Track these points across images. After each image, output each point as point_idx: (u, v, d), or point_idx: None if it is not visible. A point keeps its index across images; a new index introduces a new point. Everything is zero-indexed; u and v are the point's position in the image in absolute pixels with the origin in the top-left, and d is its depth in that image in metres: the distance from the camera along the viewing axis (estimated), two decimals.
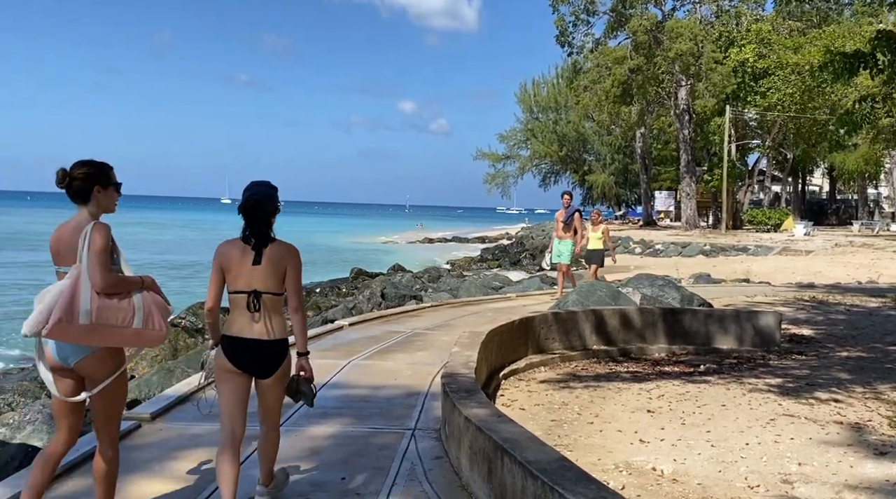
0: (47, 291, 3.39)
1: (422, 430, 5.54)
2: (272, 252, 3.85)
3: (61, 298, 3.33)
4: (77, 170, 3.55)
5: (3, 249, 43.64)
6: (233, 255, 3.84)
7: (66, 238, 3.49)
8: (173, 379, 8.22)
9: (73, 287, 3.37)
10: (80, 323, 3.34)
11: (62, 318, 3.31)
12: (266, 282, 3.83)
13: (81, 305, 3.35)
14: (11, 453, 5.42)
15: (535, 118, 79.32)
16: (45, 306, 3.35)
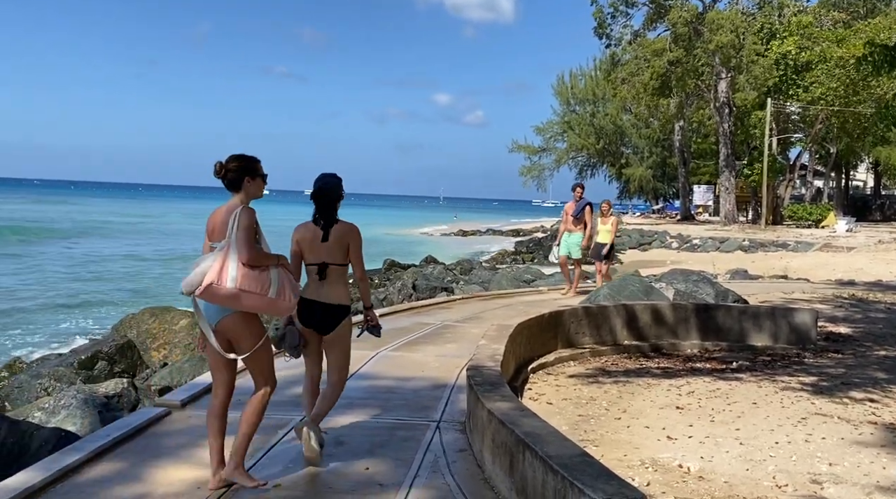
0: (203, 259, 4.01)
1: (447, 422, 5.54)
2: (337, 231, 4.70)
3: (214, 265, 3.95)
4: (231, 163, 4.18)
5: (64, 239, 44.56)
6: (306, 234, 4.73)
7: (220, 219, 4.13)
8: (205, 367, 8.32)
9: (224, 257, 3.98)
10: (227, 287, 3.93)
11: (213, 281, 3.91)
12: (332, 255, 4.67)
13: (229, 273, 3.95)
14: (45, 436, 5.54)
15: (572, 110, 78.66)
16: (199, 270, 3.95)
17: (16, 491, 3.95)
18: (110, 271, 30.25)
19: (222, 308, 4.05)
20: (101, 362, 9.32)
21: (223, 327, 4.09)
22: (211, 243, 4.12)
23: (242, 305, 4.03)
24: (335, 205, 4.76)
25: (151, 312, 11.40)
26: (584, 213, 13.05)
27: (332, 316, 4.69)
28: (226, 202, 4.21)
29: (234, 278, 3.93)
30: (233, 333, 4.11)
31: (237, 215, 4.05)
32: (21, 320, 18.81)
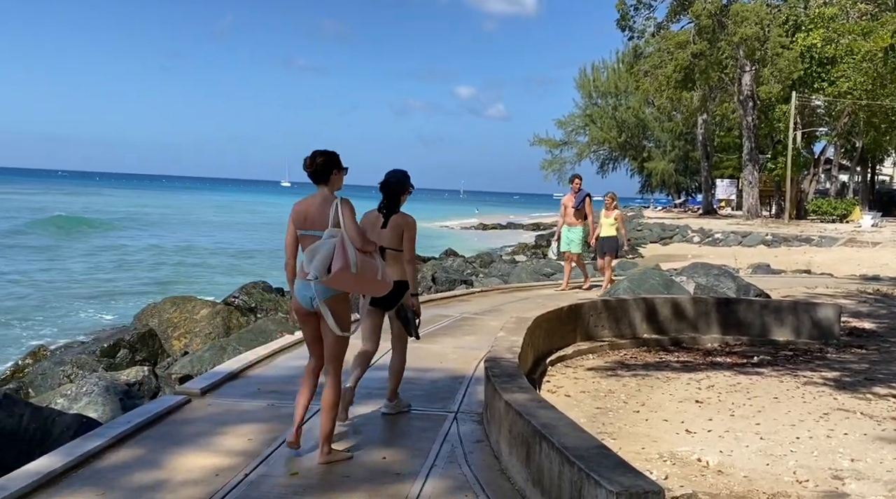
0: (318, 248, 4.34)
1: (464, 413, 5.54)
2: (395, 220, 5.30)
3: (337, 253, 4.29)
4: (319, 157, 4.53)
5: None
6: (370, 220, 5.34)
7: (314, 210, 4.48)
8: (225, 356, 8.39)
9: (342, 245, 4.31)
10: (352, 272, 4.31)
11: (344, 266, 4.27)
12: (389, 241, 5.26)
13: (351, 259, 4.31)
14: (67, 422, 5.61)
15: (594, 104, 78.18)
16: (322, 258, 4.30)
17: (38, 475, 4.00)
18: (139, 261, 30.58)
19: (328, 289, 4.41)
20: (123, 350, 9.42)
21: (330, 305, 4.46)
22: (303, 231, 4.50)
23: (359, 288, 4.58)
24: (399, 197, 5.36)
25: (173, 302, 11.50)
26: (584, 204, 12.40)
27: (394, 293, 5.09)
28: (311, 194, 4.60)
29: (355, 263, 4.32)
30: (338, 312, 4.50)
31: (338, 206, 4.42)
32: (46, 309, 19.07)
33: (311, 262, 4.32)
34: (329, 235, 4.38)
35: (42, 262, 28.65)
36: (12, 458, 5.05)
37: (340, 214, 4.41)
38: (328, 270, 4.27)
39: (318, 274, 4.29)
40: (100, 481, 4.06)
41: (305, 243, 4.50)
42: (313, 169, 4.53)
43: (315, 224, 4.46)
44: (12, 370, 9.66)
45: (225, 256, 33.57)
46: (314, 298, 4.43)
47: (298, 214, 4.56)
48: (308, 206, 4.53)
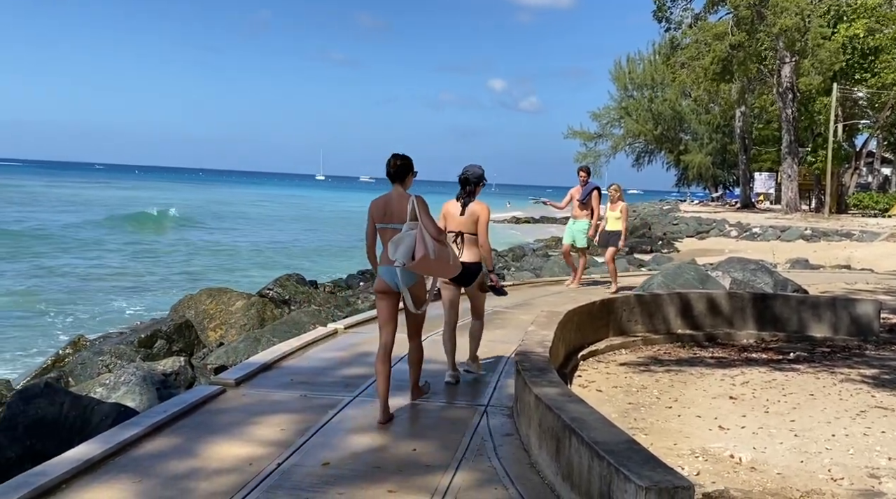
0: (402, 239, 5.04)
1: (494, 407, 5.54)
2: (471, 208, 6.11)
3: (418, 243, 5.00)
4: (399, 161, 5.28)
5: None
6: (450, 208, 6.21)
7: (394, 204, 5.18)
8: (259, 347, 8.50)
9: (421, 236, 5.02)
10: (431, 258, 5.02)
11: (426, 254, 4.98)
12: (466, 226, 6.09)
13: (429, 247, 5.00)
14: (105, 411, 5.73)
15: (630, 96, 77.32)
16: (406, 248, 5.01)
17: (77, 462, 4.10)
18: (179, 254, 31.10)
19: (412, 276, 5.15)
20: (160, 341, 9.59)
21: (412, 290, 5.21)
22: (382, 225, 5.20)
23: (436, 272, 5.29)
24: (475, 188, 6.19)
25: (209, 294, 11.67)
26: (591, 198, 11.85)
27: (470, 272, 6.05)
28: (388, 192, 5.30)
29: (434, 251, 5.03)
30: (417, 294, 5.26)
31: (414, 202, 5.11)
32: (85, 300, 19.51)
33: (397, 251, 5.03)
34: (408, 227, 5.08)
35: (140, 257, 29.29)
36: (54, 445, 5.18)
37: (417, 209, 5.07)
38: (412, 257, 4.99)
39: (404, 261, 5.00)
40: (136, 469, 4.15)
41: (386, 235, 5.17)
42: (395, 170, 5.24)
43: (394, 218, 5.16)
44: (53, 360, 9.89)
45: (254, 253, 33.97)
46: (398, 282, 5.16)
47: (377, 209, 5.22)
48: (386, 202, 5.21)
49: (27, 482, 3.78)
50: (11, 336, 14.83)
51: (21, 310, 17.70)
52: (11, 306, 17.99)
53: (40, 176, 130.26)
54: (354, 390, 5.86)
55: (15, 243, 31.06)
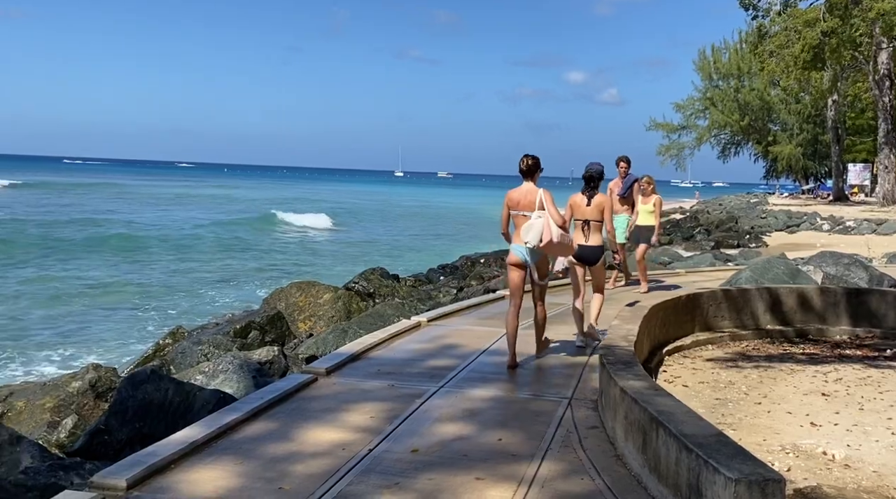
0: (532, 225, 6.27)
1: (578, 400, 5.58)
2: (597, 199, 7.42)
3: (546, 228, 6.25)
4: (530, 160, 6.51)
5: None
6: (576, 200, 7.48)
7: (524, 196, 6.46)
8: (346, 338, 8.77)
9: (548, 223, 6.27)
10: (556, 241, 6.30)
11: (552, 238, 6.25)
12: (592, 215, 7.42)
13: (554, 231, 6.26)
14: (206, 397, 6.04)
15: (715, 86, 75.02)
16: (536, 232, 6.24)
17: (183, 444, 4.36)
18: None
19: (538, 254, 6.43)
20: (254, 332, 10.00)
21: (537, 265, 6.52)
22: (515, 212, 6.49)
23: (558, 252, 6.60)
24: (598, 183, 7.44)
25: (298, 287, 12.07)
26: (632, 191, 11.11)
27: (595, 253, 7.45)
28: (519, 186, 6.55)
29: (558, 235, 6.31)
30: (540, 269, 6.56)
31: (541, 194, 6.40)
32: (182, 293, 20.41)
33: (528, 234, 6.27)
34: (537, 215, 6.32)
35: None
36: (161, 428, 5.51)
37: (544, 200, 6.36)
38: (540, 239, 6.22)
39: (535, 244, 6.26)
40: (237, 451, 4.39)
41: (518, 221, 6.50)
42: (526, 168, 6.51)
43: (524, 207, 6.42)
44: (154, 349, 10.44)
45: (342, 246, 34.59)
46: (527, 258, 6.47)
47: (512, 200, 6.53)
48: (519, 194, 6.51)
49: (141, 461, 4.06)
50: (114, 327, 15.71)
51: (128, 302, 18.74)
52: (118, 300, 19.05)
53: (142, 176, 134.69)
54: (440, 381, 5.99)
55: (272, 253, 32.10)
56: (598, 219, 7.39)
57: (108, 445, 5.86)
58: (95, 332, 15.38)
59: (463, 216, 58.19)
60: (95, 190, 75.87)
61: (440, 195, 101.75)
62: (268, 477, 4.00)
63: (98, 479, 3.84)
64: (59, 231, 35.27)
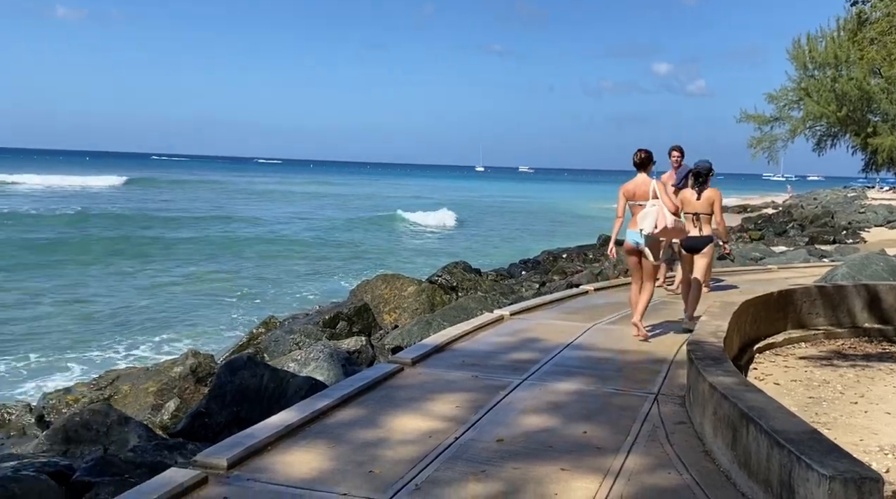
0: (647, 213, 7.01)
1: (665, 395, 5.53)
2: (706, 194, 8.10)
3: (660, 216, 6.96)
4: (643, 154, 7.24)
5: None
6: (687, 195, 8.17)
7: (638, 187, 7.18)
8: (430, 330, 8.91)
9: (661, 211, 6.98)
10: (670, 227, 7.03)
11: (666, 224, 6.98)
12: (702, 208, 8.06)
13: (667, 218, 6.99)
14: (299, 383, 6.27)
15: (810, 76, 71.66)
16: (651, 219, 6.96)
17: (279, 427, 4.56)
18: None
19: (647, 238, 7.07)
20: (342, 322, 10.28)
21: (648, 248, 7.14)
22: (632, 202, 7.22)
23: (673, 235, 7.41)
24: (707, 178, 8.17)
25: (384, 279, 12.32)
26: (686, 182, 9.50)
27: (702, 242, 8.03)
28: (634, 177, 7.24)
29: (672, 221, 7.04)
30: (652, 251, 7.18)
31: (654, 185, 7.10)
32: (274, 284, 21.13)
33: (644, 221, 7.00)
34: (651, 204, 7.03)
35: None
36: (257, 412, 5.76)
37: (657, 190, 7.05)
38: (655, 226, 6.92)
39: (650, 229, 6.97)
40: (329, 436, 4.56)
41: (635, 210, 7.21)
42: (639, 161, 7.19)
43: (639, 197, 7.15)
44: (248, 338, 10.87)
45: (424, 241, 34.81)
46: (640, 242, 7.14)
47: (627, 191, 7.24)
48: (634, 185, 7.21)
49: (240, 443, 4.27)
50: (211, 315, 16.42)
51: (224, 292, 19.55)
52: (221, 290, 19.91)
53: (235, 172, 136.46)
54: (523, 374, 6.04)
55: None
56: (708, 212, 8.01)
57: (207, 427, 6.17)
58: (191, 319, 16.14)
59: (550, 212, 58.02)
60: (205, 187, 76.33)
61: (522, 190, 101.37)
62: (358, 461, 4.15)
63: (201, 458, 4.06)
64: (202, 229, 36.27)
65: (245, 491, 3.74)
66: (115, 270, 22.95)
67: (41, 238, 29.79)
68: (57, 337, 14.20)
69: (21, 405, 8.62)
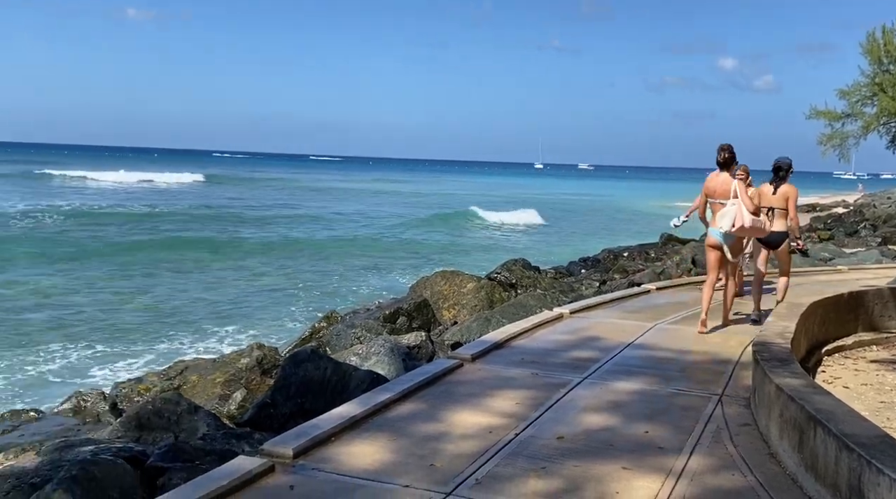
0: (727, 212, 7.30)
1: (729, 396, 5.44)
2: (782, 189, 8.17)
3: (738, 215, 7.23)
4: (726, 154, 7.51)
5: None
6: (764, 190, 8.24)
7: (720, 185, 7.48)
8: (489, 327, 8.94)
9: (740, 209, 7.23)
10: (748, 225, 7.29)
11: (744, 223, 7.23)
12: (777, 203, 8.16)
13: (745, 217, 7.24)
14: (360, 377, 6.38)
15: (885, 71, 69.06)
16: (730, 218, 7.23)
17: (343, 419, 4.65)
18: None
19: (731, 236, 7.38)
20: (402, 318, 10.41)
21: (730, 246, 7.45)
22: (712, 200, 7.55)
23: (752, 234, 7.71)
24: (787, 173, 8.20)
25: (443, 276, 12.41)
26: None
27: (779, 238, 8.19)
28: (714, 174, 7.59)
29: (750, 220, 7.26)
30: (733, 249, 7.51)
31: (735, 185, 7.35)
32: (336, 279, 21.48)
33: (723, 219, 7.28)
34: (731, 203, 7.27)
35: None
36: (320, 404, 5.89)
37: (737, 190, 7.29)
38: (733, 224, 7.19)
39: (728, 227, 7.23)
40: (391, 428, 4.63)
41: (715, 207, 7.52)
42: (722, 160, 7.49)
43: (720, 195, 7.43)
44: (310, 331, 11.10)
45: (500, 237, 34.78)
46: (722, 240, 7.40)
47: (709, 189, 7.61)
48: (715, 183, 7.52)
49: (305, 433, 4.38)
50: (274, 309, 16.81)
51: (283, 287, 19.98)
52: (275, 286, 20.36)
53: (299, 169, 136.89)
54: (583, 372, 6.02)
55: None
56: (783, 207, 8.12)
57: (273, 417, 6.34)
58: (255, 313, 16.56)
59: (610, 210, 57.27)
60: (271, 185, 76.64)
61: (582, 187, 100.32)
62: (420, 454, 4.21)
63: (268, 447, 4.18)
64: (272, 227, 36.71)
65: (310, 480, 3.84)
66: (184, 265, 23.65)
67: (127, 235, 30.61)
68: (126, 328, 14.75)
69: (96, 393, 8.99)
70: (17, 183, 60.04)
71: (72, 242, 27.49)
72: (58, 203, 42.58)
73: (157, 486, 4.70)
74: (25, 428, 7.86)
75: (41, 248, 25.43)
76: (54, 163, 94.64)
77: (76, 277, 20.51)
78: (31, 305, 16.76)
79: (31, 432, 7.66)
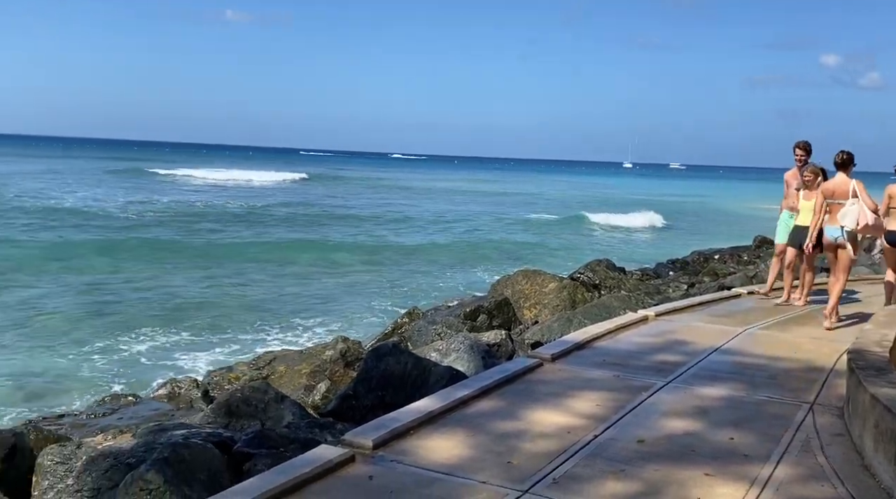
0: (848, 211, 7.54)
1: (821, 405, 5.23)
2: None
3: (861, 213, 7.50)
4: (844, 155, 7.76)
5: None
6: (893, 190, 8.08)
7: (838, 186, 7.76)
8: (571, 327, 8.85)
9: (861, 208, 7.50)
10: (871, 224, 7.54)
11: (867, 221, 7.50)
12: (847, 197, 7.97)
13: (868, 216, 7.51)
14: (440, 372, 6.45)
15: None
16: (852, 217, 7.50)
17: (421, 413, 4.71)
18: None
19: (851, 234, 7.60)
20: (482, 316, 10.45)
21: (843, 243, 7.69)
22: (830, 201, 7.76)
23: (873, 232, 8.01)
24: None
25: (524, 275, 12.38)
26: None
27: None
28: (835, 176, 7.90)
29: (872, 219, 7.54)
30: (851, 246, 7.70)
31: (854, 185, 7.60)
32: (420, 275, 21.76)
33: (845, 218, 7.53)
34: (851, 202, 7.54)
35: None
36: (400, 397, 5.99)
37: (857, 190, 7.54)
38: (857, 223, 7.47)
39: (851, 226, 7.50)
40: (469, 424, 4.66)
41: (833, 208, 7.71)
42: (841, 161, 7.74)
43: (838, 195, 7.69)
44: (392, 327, 11.28)
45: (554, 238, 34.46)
46: (838, 237, 7.67)
47: (827, 190, 7.84)
48: (834, 184, 7.82)
49: (385, 425, 4.46)
50: (357, 304, 17.16)
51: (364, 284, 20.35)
52: (356, 282, 20.76)
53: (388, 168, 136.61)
54: (667, 376, 5.90)
55: None
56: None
57: (355, 409, 6.48)
58: (339, 307, 16.95)
59: (702, 211, 55.65)
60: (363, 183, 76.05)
61: (673, 188, 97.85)
62: (497, 451, 4.22)
63: (349, 437, 4.29)
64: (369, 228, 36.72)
65: (389, 472, 3.91)
66: (272, 260, 24.34)
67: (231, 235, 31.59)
68: (215, 319, 15.30)
69: (189, 380, 9.40)
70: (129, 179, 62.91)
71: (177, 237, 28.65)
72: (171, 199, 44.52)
73: (242, 470, 4.88)
74: (124, 411, 8.29)
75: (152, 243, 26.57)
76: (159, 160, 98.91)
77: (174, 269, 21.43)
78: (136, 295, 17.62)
79: (129, 415, 8.08)
